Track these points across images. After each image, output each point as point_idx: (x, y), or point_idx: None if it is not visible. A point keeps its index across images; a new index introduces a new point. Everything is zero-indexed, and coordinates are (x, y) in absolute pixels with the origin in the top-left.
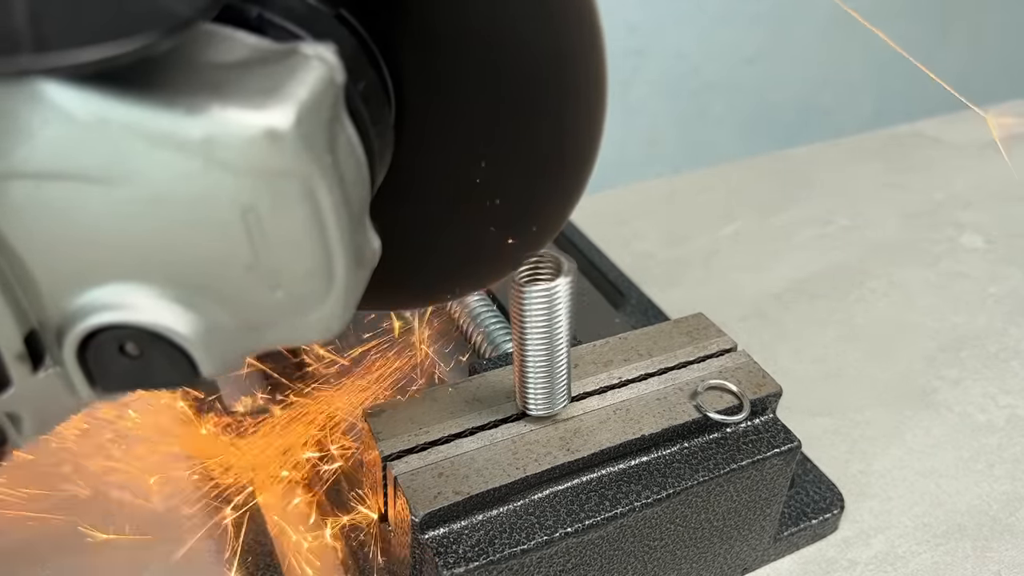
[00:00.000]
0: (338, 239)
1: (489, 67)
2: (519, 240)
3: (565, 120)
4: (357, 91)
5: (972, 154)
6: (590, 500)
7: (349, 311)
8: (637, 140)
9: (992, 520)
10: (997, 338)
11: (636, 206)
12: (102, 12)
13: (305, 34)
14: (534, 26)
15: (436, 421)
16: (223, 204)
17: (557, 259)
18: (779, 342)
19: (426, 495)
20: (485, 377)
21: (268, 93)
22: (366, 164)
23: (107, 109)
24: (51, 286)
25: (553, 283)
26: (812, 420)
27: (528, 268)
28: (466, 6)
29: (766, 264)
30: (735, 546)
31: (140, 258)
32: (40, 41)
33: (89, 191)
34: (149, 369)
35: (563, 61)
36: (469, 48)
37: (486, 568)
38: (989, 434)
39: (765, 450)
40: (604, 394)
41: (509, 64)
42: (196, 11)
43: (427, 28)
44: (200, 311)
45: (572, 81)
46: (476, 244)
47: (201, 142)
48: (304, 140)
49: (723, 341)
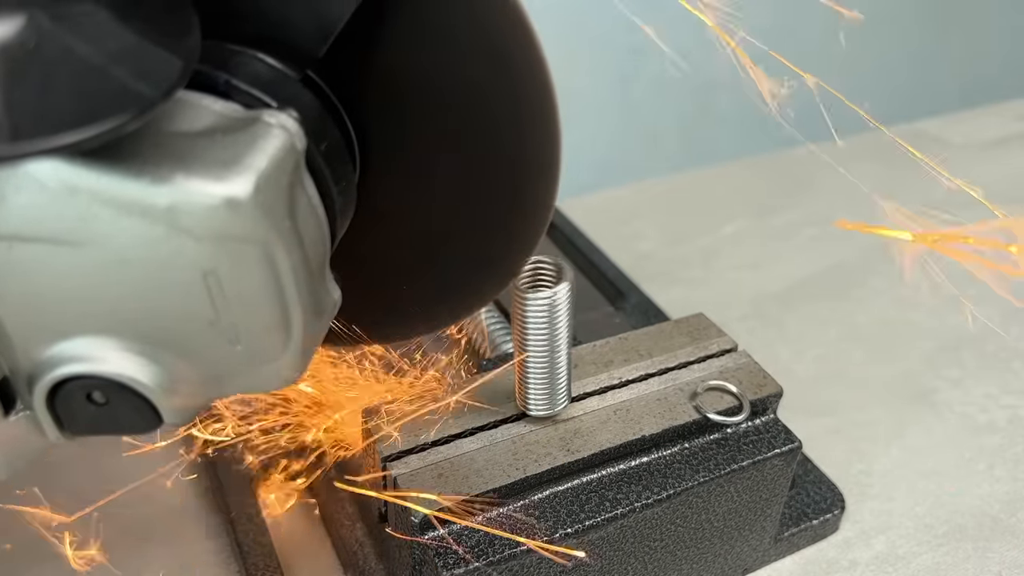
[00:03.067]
0: (295, 297)
1: (452, 121)
2: (485, 280)
3: (524, 166)
4: (319, 152)
5: (973, 154)
6: (590, 501)
7: (307, 361)
8: (637, 139)
9: (993, 521)
10: (998, 338)
11: (636, 206)
12: (72, 98)
13: (270, 99)
14: (493, 80)
15: (436, 422)
16: (185, 267)
17: (557, 264)
18: (780, 342)
19: (426, 496)
20: (485, 377)
21: (228, 164)
22: (326, 222)
23: (76, 178)
24: (22, 338)
25: (554, 290)
26: (813, 420)
27: (528, 275)
28: (429, 65)
29: (767, 264)
30: (736, 547)
31: (107, 314)
32: (15, 130)
33: (58, 253)
34: (115, 416)
35: (521, 113)
36: (432, 102)
37: (486, 569)
38: (990, 434)
39: (766, 450)
40: (604, 394)
41: (470, 116)
42: (162, 93)
43: (392, 85)
44: (163, 363)
45: (529, 131)
46: (445, 284)
47: (165, 210)
48: (262, 208)
49: (724, 341)
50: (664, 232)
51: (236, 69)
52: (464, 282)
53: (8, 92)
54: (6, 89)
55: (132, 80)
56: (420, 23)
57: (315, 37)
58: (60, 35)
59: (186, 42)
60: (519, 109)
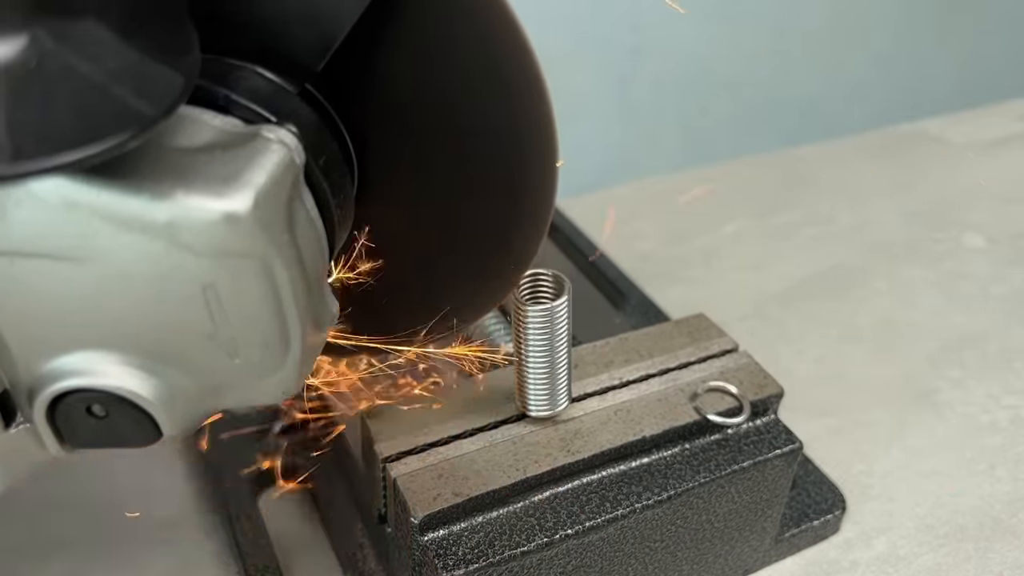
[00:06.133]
0: (294, 311)
1: (449, 134)
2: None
3: (521, 179)
4: (318, 166)
5: (974, 154)
6: (591, 502)
7: (305, 374)
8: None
9: (994, 521)
10: (999, 338)
11: (636, 206)
12: (73, 116)
13: (269, 114)
14: (491, 93)
15: (436, 422)
16: (185, 282)
17: (557, 277)
18: (781, 342)
19: (425, 497)
20: (485, 377)
21: (228, 180)
22: (324, 235)
23: (77, 194)
24: (23, 352)
25: (552, 304)
26: (814, 421)
27: (528, 286)
28: (427, 78)
29: (767, 264)
30: (736, 547)
31: (106, 329)
32: (16, 150)
33: (58, 268)
34: (115, 429)
35: (518, 125)
36: (430, 116)
37: (486, 570)
38: (991, 435)
39: (766, 451)
40: (605, 395)
41: (467, 129)
42: (163, 111)
43: (390, 99)
44: (163, 377)
45: (527, 143)
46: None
47: (165, 225)
48: (261, 223)
49: (724, 341)
50: (664, 232)
51: (235, 84)
52: (460, 295)
53: (10, 111)
54: (8, 108)
55: (133, 98)
56: (418, 37)
57: (313, 51)
58: (61, 54)
59: (186, 59)
60: (516, 121)
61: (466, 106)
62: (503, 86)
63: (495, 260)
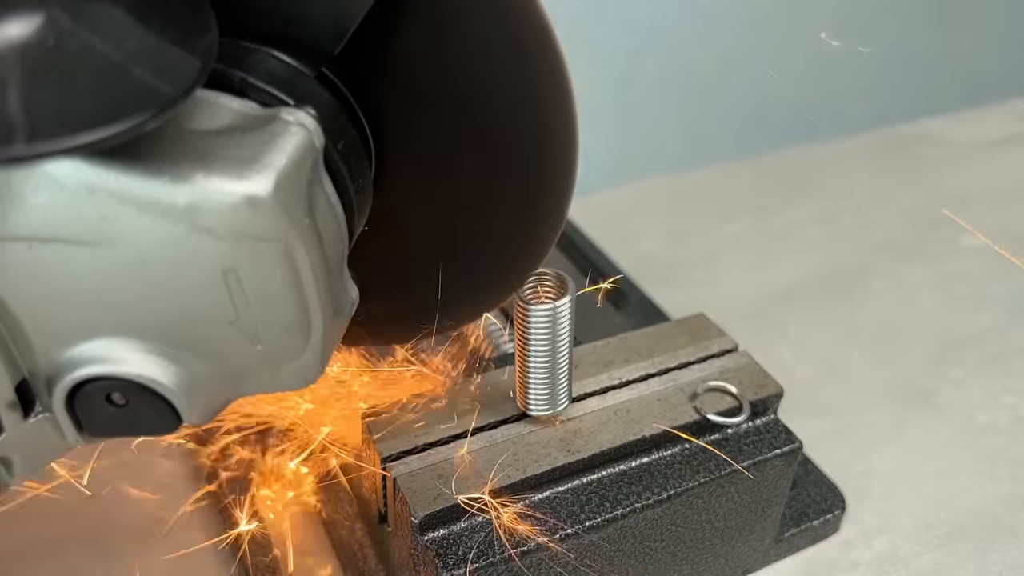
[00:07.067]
0: (315, 296)
1: (467, 120)
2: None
3: (541, 168)
4: (336, 150)
5: (974, 154)
6: (590, 501)
7: (326, 361)
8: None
9: (994, 521)
10: (999, 338)
11: (636, 206)
12: (91, 97)
13: (287, 97)
14: (512, 78)
15: (436, 422)
16: (205, 266)
17: (560, 276)
18: (780, 342)
19: (426, 496)
20: (485, 377)
21: (248, 162)
22: (344, 220)
23: (95, 178)
24: (42, 340)
25: (556, 303)
26: (814, 421)
27: (531, 286)
28: (445, 63)
29: (767, 264)
30: (736, 547)
31: (126, 315)
32: (33, 130)
33: (78, 253)
34: (135, 417)
35: (539, 112)
36: (448, 102)
37: (486, 570)
38: (991, 435)
39: (766, 451)
40: (605, 395)
41: (487, 116)
42: (181, 91)
43: (407, 84)
44: (183, 364)
45: (548, 131)
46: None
47: (185, 209)
48: (282, 206)
49: (724, 341)
50: (664, 232)
51: (252, 67)
52: (468, 289)
53: (27, 91)
54: (25, 88)
55: (151, 78)
56: (436, 20)
57: (331, 34)
58: (79, 33)
59: (204, 40)
60: (538, 108)
61: (487, 90)
62: (525, 68)
63: (507, 253)
